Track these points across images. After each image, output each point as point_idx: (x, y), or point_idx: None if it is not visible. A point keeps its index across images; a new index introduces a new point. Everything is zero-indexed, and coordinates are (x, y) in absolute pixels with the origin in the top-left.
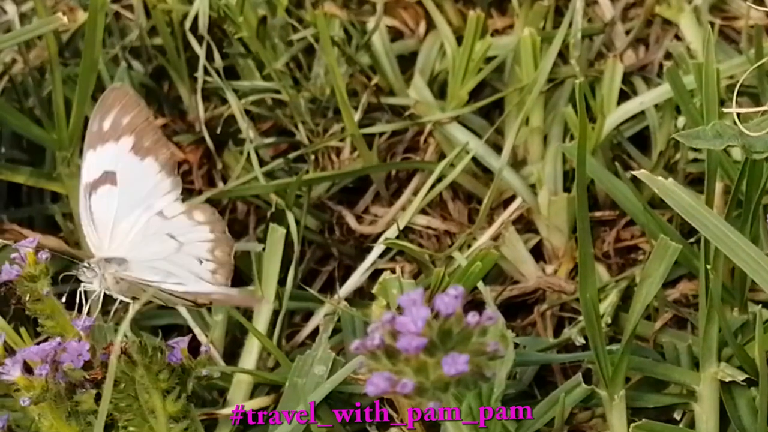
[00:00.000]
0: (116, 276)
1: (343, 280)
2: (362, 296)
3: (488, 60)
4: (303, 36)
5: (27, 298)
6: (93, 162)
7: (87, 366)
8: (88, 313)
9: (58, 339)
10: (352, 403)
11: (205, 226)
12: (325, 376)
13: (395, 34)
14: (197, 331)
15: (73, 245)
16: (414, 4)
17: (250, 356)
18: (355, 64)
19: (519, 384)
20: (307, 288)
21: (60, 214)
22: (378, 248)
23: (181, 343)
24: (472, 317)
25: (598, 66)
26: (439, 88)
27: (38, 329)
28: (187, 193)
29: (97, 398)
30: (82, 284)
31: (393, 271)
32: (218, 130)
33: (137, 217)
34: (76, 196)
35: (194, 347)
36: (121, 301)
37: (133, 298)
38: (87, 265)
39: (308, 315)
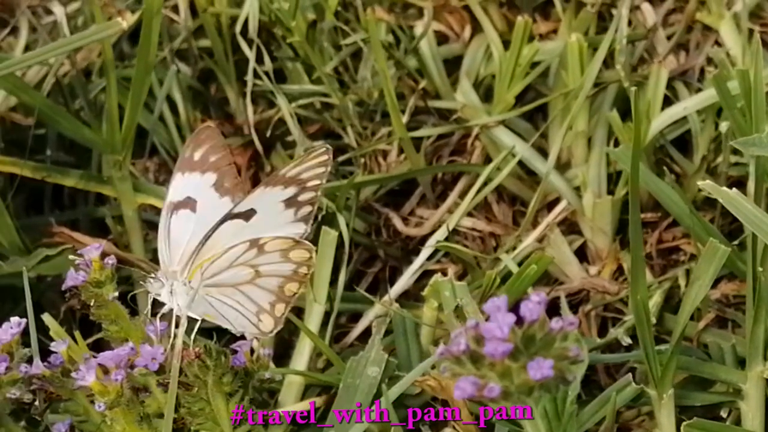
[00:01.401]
0: (195, 284)
1: (389, 281)
2: (407, 297)
3: (534, 65)
4: (352, 40)
5: (92, 304)
6: (180, 185)
7: (160, 370)
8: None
9: (131, 344)
10: (404, 404)
11: (293, 264)
12: (379, 377)
13: (440, 38)
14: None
15: (122, 248)
16: (459, 8)
17: (301, 358)
18: (403, 67)
19: None
20: (358, 290)
21: (110, 217)
22: (426, 250)
23: (244, 346)
24: (556, 323)
25: (640, 71)
26: (485, 91)
27: (102, 334)
28: None
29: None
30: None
31: (444, 273)
32: (268, 134)
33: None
34: (128, 200)
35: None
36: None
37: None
38: (155, 276)
39: (354, 316)
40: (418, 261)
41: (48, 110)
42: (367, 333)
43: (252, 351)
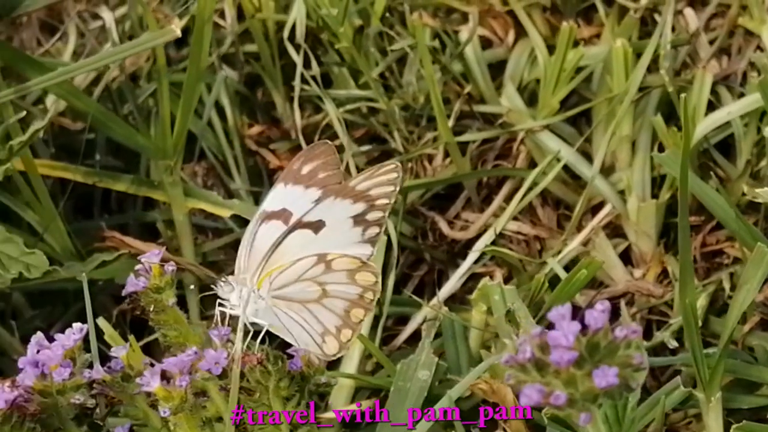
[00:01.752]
0: (263, 294)
1: (435, 285)
2: (453, 300)
3: (577, 69)
4: (399, 45)
5: (151, 309)
6: (279, 194)
7: (222, 375)
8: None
9: (194, 348)
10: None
11: (359, 288)
12: (429, 380)
13: (484, 43)
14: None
15: (172, 252)
16: (503, 13)
17: (351, 361)
18: (449, 72)
19: None
20: (406, 292)
21: (161, 222)
22: (473, 254)
23: (300, 351)
24: (620, 331)
25: (683, 75)
26: (529, 96)
27: (160, 339)
28: None
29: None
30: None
31: (491, 276)
32: (316, 138)
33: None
34: (179, 204)
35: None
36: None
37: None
38: (225, 281)
39: (400, 319)
40: (466, 264)
41: (101, 116)
42: (414, 336)
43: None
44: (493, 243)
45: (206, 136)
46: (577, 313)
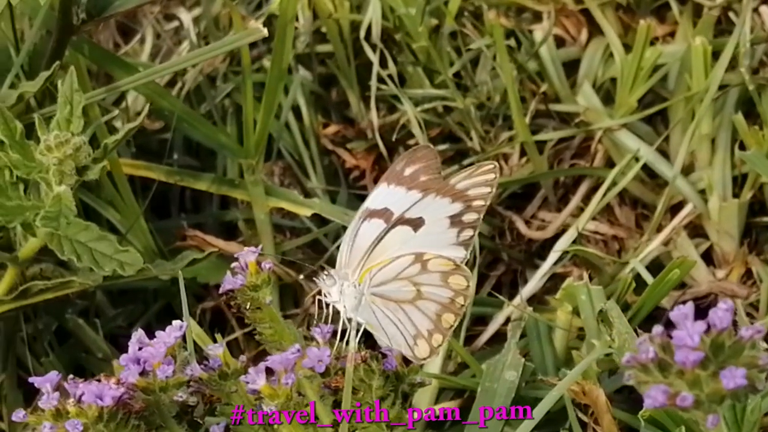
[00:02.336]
0: (363, 290)
1: (511, 284)
2: (532, 300)
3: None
4: (477, 45)
5: (247, 307)
6: (382, 194)
7: (325, 373)
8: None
9: (297, 346)
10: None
11: (450, 292)
12: (516, 381)
13: (557, 42)
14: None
15: None
16: (576, 12)
17: (434, 361)
18: (524, 71)
19: None
20: (493, 292)
21: (242, 221)
22: (554, 254)
23: (395, 351)
24: (746, 331)
25: (762, 73)
26: (604, 95)
27: (258, 337)
28: (361, 200)
29: (335, 405)
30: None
31: (579, 277)
32: (393, 137)
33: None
34: (260, 203)
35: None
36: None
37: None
38: (327, 274)
39: (479, 320)
40: (547, 264)
41: (185, 115)
42: (495, 336)
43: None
44: (577, 243)
45: (283, 136)
46: (662, 314)
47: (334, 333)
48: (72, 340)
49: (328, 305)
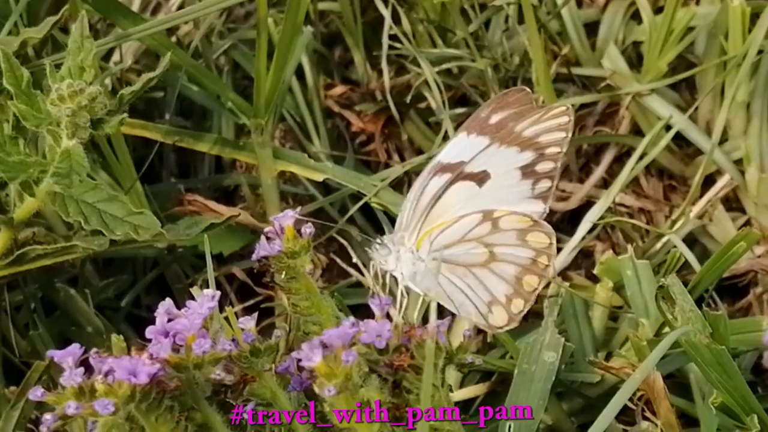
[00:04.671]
0: (423, 255)
1: None
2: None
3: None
4: (499, 1)
5: (283, 276)
6: (460, 145)
7: (385, 349)
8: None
9: (351, 319)
10: (582, 393)
11: (531, 251)
12: (557, 363)
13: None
14: (392, 311)
15: (258, 218)
16: None
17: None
18: (547, 32)
19: None
20: None
21: (246, 185)
22: (585, 226)
23: (442, 326)
24: None
25: None
26: (626, 59)
27: (292, 310)
28: (368, 166)
29: (394, 386)
30: (378, 261)
31: (618, 252)
32: (408, 99)
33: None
34: (268, 167)
35: None
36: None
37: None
38: (381, 242)
39: None
40: (577, 237)
41: (194, 70)
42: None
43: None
44: (606, 215)
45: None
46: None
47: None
48: (58, 312)
49: (384, 274)
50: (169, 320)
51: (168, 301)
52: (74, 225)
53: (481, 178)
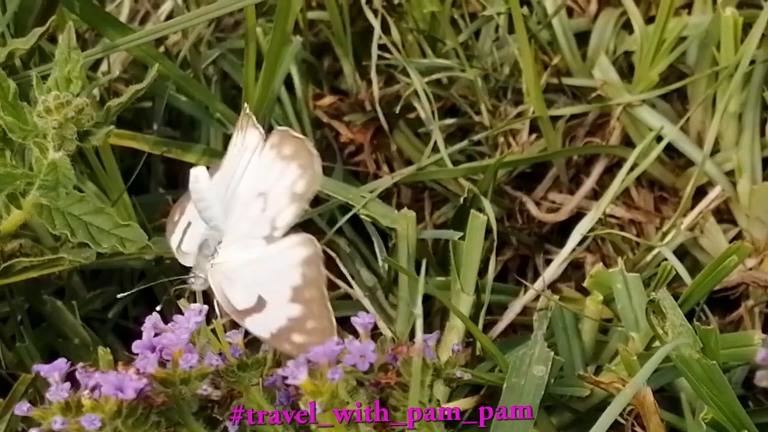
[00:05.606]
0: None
1: (519, 270)
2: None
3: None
4: (490, 12)
5: None
6: None
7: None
8: None
9: (334, 339)
10: (571, 407)
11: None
12: (546, 377)
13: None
14: (381, 324)
15: None
16: None
17: (445, 353)
18: (537, 42)
19: None
20: (518, 278)
21: None
22: (575, 238)
23: (430, 340)
24: None
25: None
26: (617, 70)
27: None
28: (356, 177)
29: (381, 404)
30: None
31: (606, 264)
32: (397, 109)
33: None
34: None
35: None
36: None
37: None
38: None
39: (491, 308)
40: (567, 249)
41: (181, 80)
42: (512, 326)
43: None
44: (595, 228)
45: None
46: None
47: None
48: (44, 324)
49: None
50: (156, 334)
51: (155, 315)
52: (61, 237)
53: None
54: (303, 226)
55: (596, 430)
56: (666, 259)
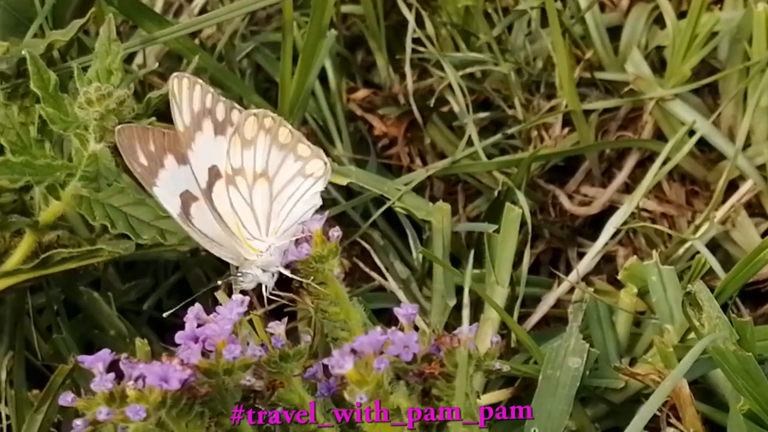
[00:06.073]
0: None
1: (551, 263)
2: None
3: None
4: (524, 5)
5: (311, 281)
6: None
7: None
8: None
9: (378, 329)
10: (606, 399)
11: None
12: (581, 369)
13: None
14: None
15: None
16: None
17: (482, 345)
18: (571, 37)
19: None
20: (556, 272)
21: None
22: (609, 231)
23: (470, 332)
24: None
25: None
26: (649, 64)
27: (320, 315)
28: (389, 170)
29: (423, 395)
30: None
31: (641, 258)
32: (431, 103)
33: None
34: None
35: None
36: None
37: None
38: None
39: (524, 300)
40: (601, 241)
41: (218, 73)
42: (546, 319)
43: None
44: (628, 222)
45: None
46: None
47: None
48: (80, 315)
49: None
50: (199, 325)
51: (197, 306)
52: (96, 228)
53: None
54: (337, 219)
55: (636, 423)
56: (698, 253)
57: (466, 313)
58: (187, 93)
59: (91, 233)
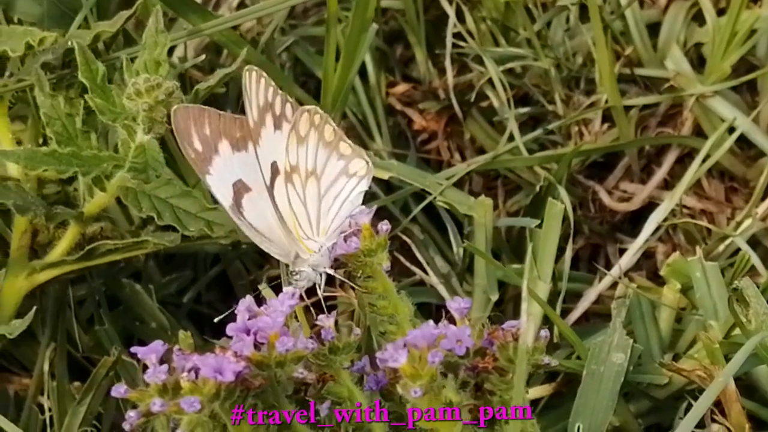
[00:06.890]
0: None
1: (591, 258)
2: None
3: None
4: (564, 2)
5: (359, 275)
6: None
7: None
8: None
9: (431, 322)
10: (649, 395)
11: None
12: (625, 364)
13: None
14: None
15: None
16: None
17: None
18: (611, 32)
19: None
20: (599, 267)
21: None
22: (650, 227)
23: (510, 325)
24: None
25: None
26: (689, 60)
27: (369, 309)
28: (428, 165)
29: (476, 389)
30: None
31: (667, 254)
32: (472, 98)
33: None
34: None
35: None
36: None
37: None
38: None
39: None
40: (642, 237)
41: (262, 67)
42: (587, 314)
43: None
44: (668, 218)
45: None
46: None
47: None
48: (121, 307)
49: None
50: (249, 318)
51: (248, 298)
52: (136, 220)
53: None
54: (376, 213)
55: (687, 421)
56: (740, 249)
57: (524, 306)
58: (254, 87)
59: (130, 225)
